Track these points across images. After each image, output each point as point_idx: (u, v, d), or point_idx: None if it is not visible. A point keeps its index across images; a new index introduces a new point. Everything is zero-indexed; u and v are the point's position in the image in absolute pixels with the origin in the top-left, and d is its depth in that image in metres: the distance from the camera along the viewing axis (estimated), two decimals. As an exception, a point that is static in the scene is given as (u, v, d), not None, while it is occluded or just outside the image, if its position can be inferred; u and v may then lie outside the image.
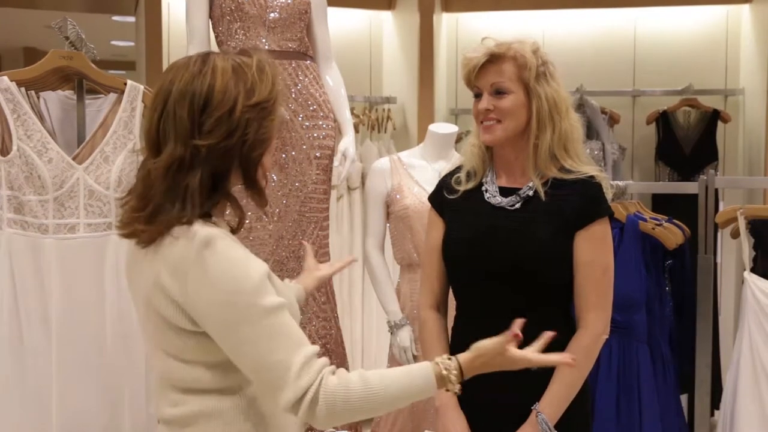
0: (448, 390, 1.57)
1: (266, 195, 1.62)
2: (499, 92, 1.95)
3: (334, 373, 1.50)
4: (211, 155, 1.51)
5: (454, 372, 1.57)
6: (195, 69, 1.53)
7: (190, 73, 1.53)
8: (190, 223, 1.50)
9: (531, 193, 1.96)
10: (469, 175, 2.06)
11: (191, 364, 1.54)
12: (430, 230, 2.11)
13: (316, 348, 1.52)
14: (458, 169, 2.10)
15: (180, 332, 1.52)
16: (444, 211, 2.08)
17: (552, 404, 1.90)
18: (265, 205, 1.64)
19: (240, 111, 1.52)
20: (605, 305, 1.96)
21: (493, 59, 1.95)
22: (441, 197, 2.10)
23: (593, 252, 1.93)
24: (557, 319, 1.98)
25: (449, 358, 1.58)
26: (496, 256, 1.95)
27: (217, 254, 1.47)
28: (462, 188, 2.05)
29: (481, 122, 1.98)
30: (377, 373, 1.53)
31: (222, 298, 1.46)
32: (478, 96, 2.00)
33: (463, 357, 1.60)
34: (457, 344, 2.05)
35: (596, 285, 1.94)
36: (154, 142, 1.55)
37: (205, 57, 1.56)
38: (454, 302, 2.13)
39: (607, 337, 1.97)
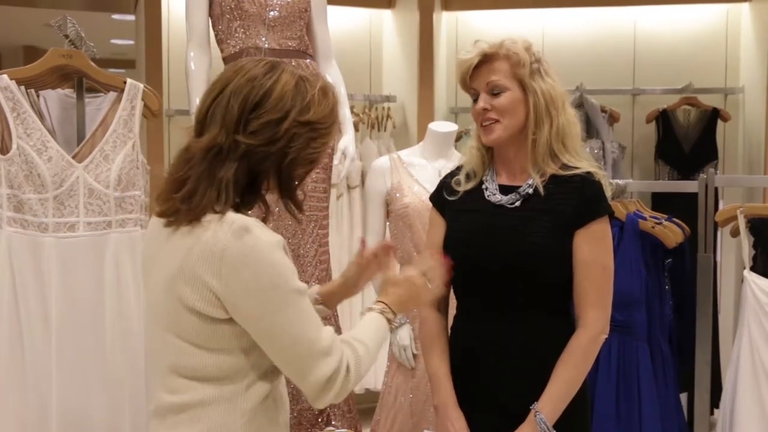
0: (391, 325, 1.71)
1: (301, 205, 1.68)
2: (495, 91, 1.95)
3: None
4: (248, 155, 1.53)
5: (388, 311, 1.71)
6: (261, 70, 1.57)
7: (254, 72, 1.56)
8: (222, 213, 1.52)
9: (531, 190, 1.96)
10: (468, 177, 2.06)
11: (204, 350, 1.55)
12: (431, 229, 2.11)
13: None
14: (458, 169, 2.10)
15: (201, 317, 1.54)
16: (445, 211, 2.08)
17: (550, 403, 1.90)
18: (301, 214, 1.69)
19: (290, 123, 1.54)
20: (605, 304, 1.96)
21: (486, 59, 1.96)
22: (442, 197, 2.10)
23: (593, 251, 1.93)
24: (556, 317, 1.98)
25: (377, 302, 1.73)
26: (494, 254, 1.95)
27: (256, 239, 1.50)
28: (461, 189, 2.05)
29: (481, 123, 1.99)
30: (358, 333, 1.64)
31: (265, 283, 1.50)
32: (475, 98, 2.00)
33: (384, 296, 1.73)
34: (456, 343, 2.05)
35: (595, 284, 1.93)
36: (201, 123, 1.58)
37: (276, 64, 1.60)
38: (455, 301, 2.13)
39: (606, 336, 1.97)
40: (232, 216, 1.52)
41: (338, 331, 3.05)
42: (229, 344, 1.55)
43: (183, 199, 1.54)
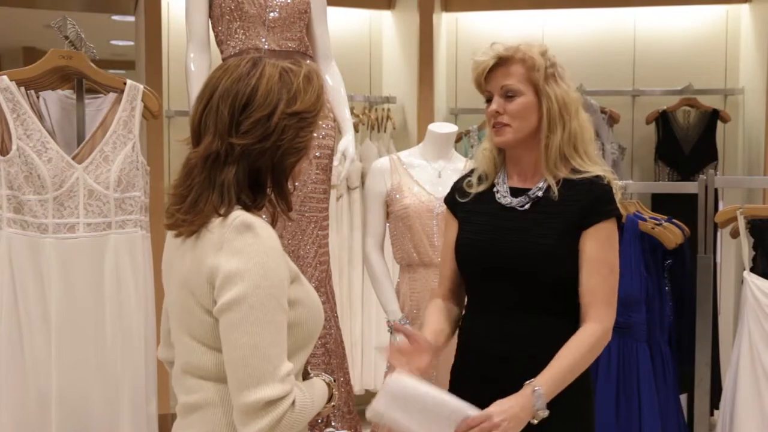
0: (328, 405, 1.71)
1: (290, 201, 1.67)
2: (509, 94, 1.96)
3: None
4: (245, 154, 1.55)
5: (334, 385, 1.72)
6: (244, 70, 1.59)
7: (238, 72, 1.58)
8: (226, 215, 1.54)
9: (540, 193, 1.97)
10: (480, 179, 2.08)
11: (213, 350, 1.56)
12: (446, 230, 2.14)
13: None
14: (471, 172, 2.12)
15: (207, 314, 1.54)
16: (457, 212, 2.10)
17: (547, 385, 1.84)
18: (290, 210, 1.68)
19: (279, 117, 1.56)
20: (613, 303, 1.95)
21: (502, 62, 1.97)
22: (455, 198, 2.11)
23: (601, 250, 1.92)
24: (560, 318, 1.98)
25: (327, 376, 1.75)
26: (503, 256, 1.96)
27: (256, 238, 1.52)
28: (473, 191, 2.06)
29: (493, 125, 2.00)
30: (308, 387, 1.60)
31: (250, 278, 1.49)
32: (489, 99, 2.01)
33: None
34: (465, 338, 2.06)
35: (605, 282, 1.92)
36: (196, 133, 1.61)
37: (257, 60, 1.61)
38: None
39: (610, 338, 1.96)
40: (235, 213, 1.54)
41: (337, 331, 3.04)
42: None
43: (187, 209, 1.57)
